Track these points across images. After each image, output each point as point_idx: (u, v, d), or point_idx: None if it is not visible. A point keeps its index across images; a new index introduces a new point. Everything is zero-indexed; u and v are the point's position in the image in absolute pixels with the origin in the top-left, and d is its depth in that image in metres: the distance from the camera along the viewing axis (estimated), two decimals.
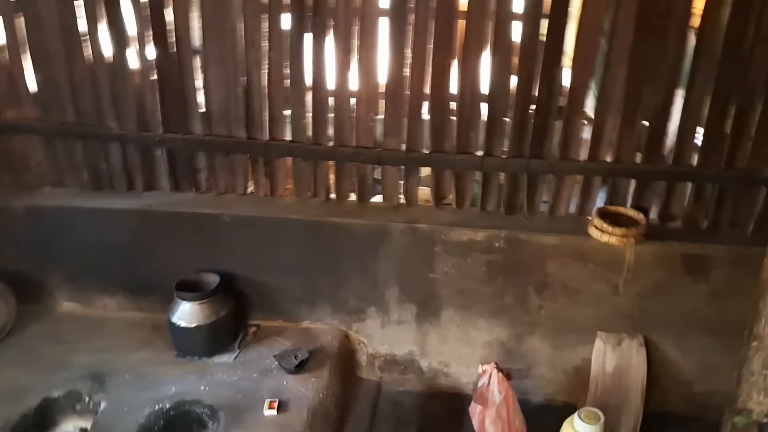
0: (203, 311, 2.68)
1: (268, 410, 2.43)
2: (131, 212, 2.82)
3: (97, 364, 2.70)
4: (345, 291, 2.81)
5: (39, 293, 3.05)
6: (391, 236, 2.66)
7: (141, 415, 2.43)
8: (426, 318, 2.80)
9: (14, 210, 2.89)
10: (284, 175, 2.82)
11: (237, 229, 2.77)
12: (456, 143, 2.59)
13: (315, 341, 2.81)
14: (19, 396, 2.53)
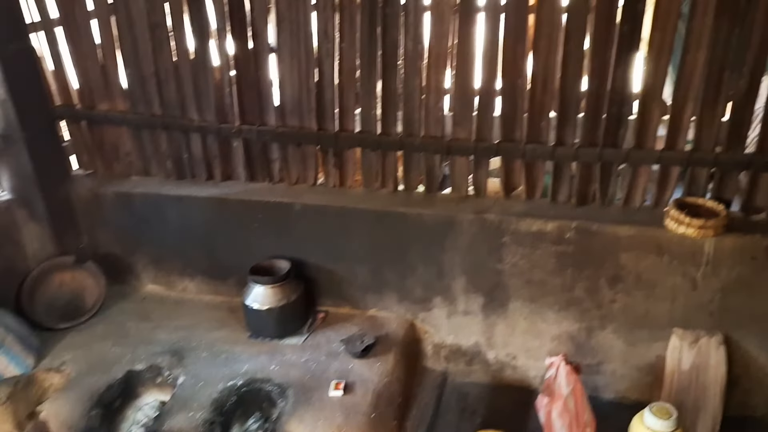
0: (275, 295, 2.79)
1: (334, 391, 2.49)
2: (210, 200, 2.97)
3: (177, 341, 2.87)
4: (411, 280, 2.84)
5: (126, 275, 3.27)
6: (459, 226, 2.66)
7: (215, 389, 2.56)
8: (493, 309, 2.78)
9: (106, 197, 3.11)
10: (353, 166, 2.88)
11: (307, 218, 2.86)
12: (526, 132, 2.56)
13: (381, 328, 2.86)
14: (106, 367, 2.72)
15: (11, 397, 2.68)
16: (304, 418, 2.39)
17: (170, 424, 2.43)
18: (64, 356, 2.82)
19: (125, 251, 3.22)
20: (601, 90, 2.42)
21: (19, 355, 2.67)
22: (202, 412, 2.46)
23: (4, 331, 2.63)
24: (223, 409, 2.50)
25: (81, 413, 2.52)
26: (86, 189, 3.13)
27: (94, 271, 3.13)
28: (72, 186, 3.12)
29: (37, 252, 3.10)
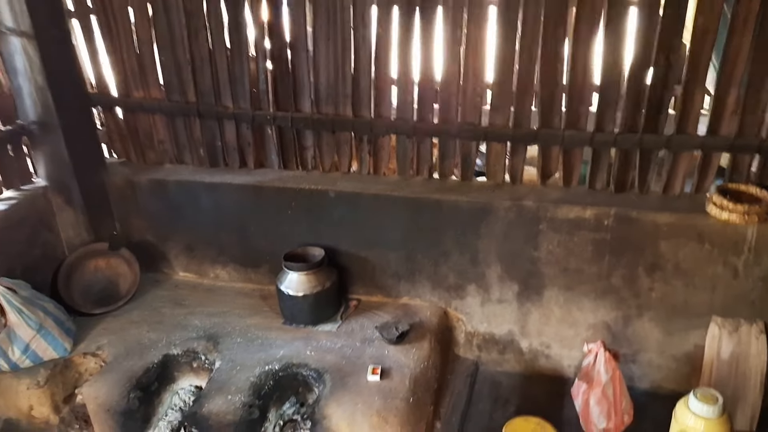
0: (310, 281, 2.80)
1: (371, 376, 2.49)
2: (244, 187, 2.98)
3: (212, 327, 2.88)
4: (445, 268, 2.83)
5: (159, 262, 3.29)
6: (494, 213, 2.65)
7: (252, 374, 2.57)
8: (528, 297, 2.77)
9: (139, 184, 3.13)
10: (387, 153, 2.88)
11: (341, 205, 2.86)
12: (565, 118, 2.55)
13: (414, 316, 2.85)
14: (143, 351, 2.74)
15: (49, 381, 2.71)
16: (343, 401, 2.39)
17: (209, 407, 2.44)
18: (100, 341, 2.84)
19: (158, 239, 3.24)
20: (643, 75, 2.40)
21: (58, 338, 2.69)
22: (240, 395, 2.47)
23: (44, 314, 2.66)
24: (260, 392, 2.51)
25: (120, 396, 2.54)
26: (120, 177, 3.15)
27: (128, 257, 3.15)
28: (106, 173, 3.15)
29: (72, 239, 3.13)
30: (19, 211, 2.88)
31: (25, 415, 2.75)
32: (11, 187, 2.94)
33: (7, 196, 2.91)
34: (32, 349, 2.63)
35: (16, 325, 2.58)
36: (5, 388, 2.72)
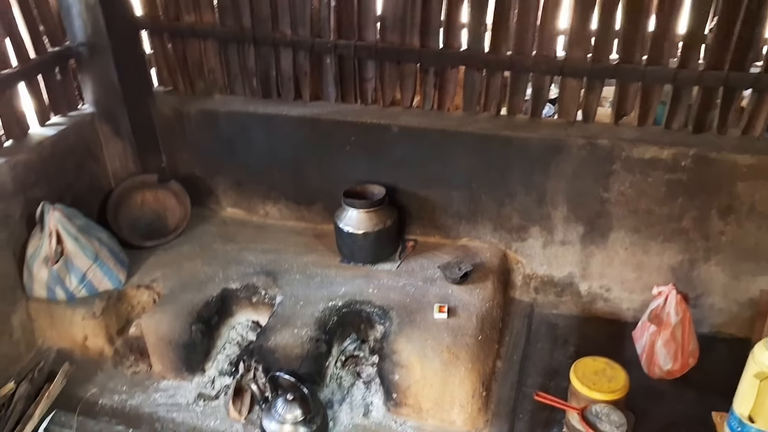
0: (371, 219, 2.73)
1: (438, 314, 2.46)
2: (301, 120, 2.87)
3: (267, 263, 2.83)
4: (509, 209, 2.77)
5: (206, 198, 3.20)
6: (566, 152, 2.58)
7: (316, 309, 2.53)
8: (592, 239, 2.73)
9: (189, 115, 3.01)
10: (454, 87, 2.77)
11: (403, 141, 2.77)
12: (648, 53, 2.45)
13: (474, 257, 2.80)
14: (200, 286, 2.69)
15: (104, 312, 2.66)
16: (412, 337, 2.36)
17: (275, 341, 2.40)
18: (153, 274, 2.78)
19: (206, 173, 3.15)
20: (735, 8, 2.29)
21: (113, 270, 2.63)
22: (306, 329, 2.43)
23: (99, 244, 2.58)
24: (326, 327, 2.47)
25: (182, 328, 2.49)
26: (168, 107, 3.03)
27: (177, 191, 3.06)
28: (153, 103, 3.02)
29: (118, 171, 3.03)
30: (68, 139, 2.77)
31: (79, 346, 2.71)
32: (58, 113, 2.82)
33: (55, 122, 2.79)
34: (88, 280, 2.57)
35: (73, 254, 2.50)
36: (59, 318, 2.67)
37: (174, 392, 2.56)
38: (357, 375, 2.55)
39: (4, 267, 2.53)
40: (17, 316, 2.62)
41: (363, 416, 2.41)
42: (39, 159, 2.61)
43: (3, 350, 2.57)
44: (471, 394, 2.28)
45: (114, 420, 2.44)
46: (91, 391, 2.56)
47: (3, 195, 2.47)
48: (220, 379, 2.58)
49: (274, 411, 2.22)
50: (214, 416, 2.45)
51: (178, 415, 2.46)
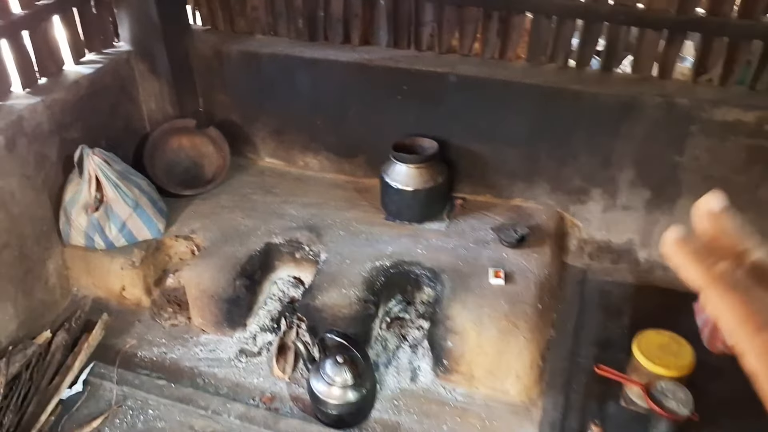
0: (421, 175, 2.57)
1: (494, 279, 2.33)
2: (349, 66, 2.68)
3: (309, 217, 2.70)
4: (570, 169, 2.60)
5: (243, 145, 3.05)
6: (640, 111, 2.38)
7: (363, 268, 2.41)
8: (658, 205, 2.56)
9: (229, 56, 2.82)
10: (518, 35, 2.56)
11: (461, 92, 2.58)
12: (740, 5, 2.22)
13: (529, 219, 2.65)
14: (243, 238, 2.57)
15: (143, 262, 2.56)
16: (467, 303, 2.24)
17: (322, 300, 2.30)
18: (192, 224, 2.66)
19: (244, 119, 2.98)
20: None
21: (152, 218, 2.51)
22: (353, 289, 2.32)
23: (139, 191, 2.46)
24: (373, 288, 2.36)
25: (226, 282, 2.39)
26: (207, 45, 2.84)
27: (216, 137, 2.90)
28: (191, 41, 2.83)
29: (154, 112, 2.88)
30: (103, 78, 2.61)
31: (116, 296, 2.62)
32: (93, 49, 2.65)
33: (90, 59, 2.62)
34: (128, 228, 2.46)
35: (113, 201, 2.38)
36: (96, 266, 2.58)
37: (214, 347, 2.48)
38: (402, 338, 2.46)
39: (41, 211, 2.42)
40: (52, 262, 2.53)
41: (410, 381, 2.32)
42: (75, 98, 2.46)
43: (39, 297, 2.49)
44: (529, 365, 2.18)
45: (154, 373, 2.37)
46: (129, 342, 2.48)
47: (39, 135, 2.33)
48: (262, 335, 2.49)
49: (322, 372, 2.13)
50: (256, 373, 2.38)
51: (219, 370, 2.38)
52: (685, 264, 0.37)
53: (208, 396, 2.26)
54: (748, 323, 0.34)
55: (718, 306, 0.35)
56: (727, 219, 0.38)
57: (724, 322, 0.35)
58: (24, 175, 2.31)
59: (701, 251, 0.37)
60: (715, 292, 0.35)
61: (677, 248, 0.38)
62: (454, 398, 2.26)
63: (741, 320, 0.34)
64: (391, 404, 2.24)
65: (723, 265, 0.35)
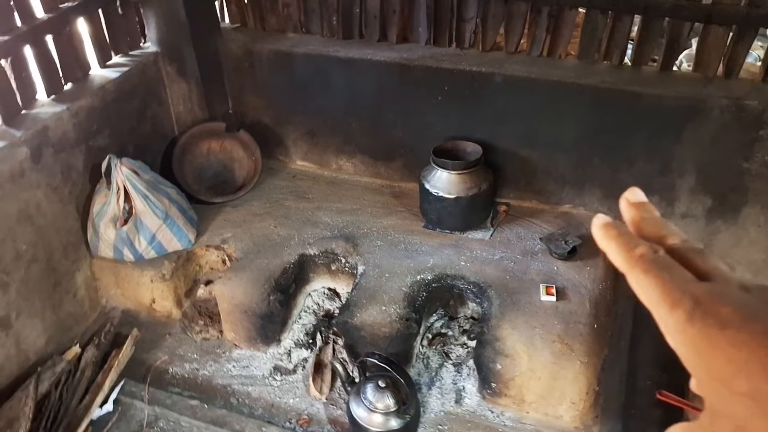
0: (464, 182, 2.41)
1: (545, 296, 2.18)
2: (388, 65, 2.53)
3: (344, 225, 2.57)
4: (625, 175, 2.42)
5: (274, 148, 2.92)
6: (705, 114, 2.19)
7: (404, 283, 2.27)
8: (720, 214, 2.37)
9: (260, 55, 2.69)
10: (570, 32, 2.38)
11: (506, 93, 2.42)
12: None
13: (578, 228, 2.48)
14: (277, 249, 2.45)
15: (174, 274, 2.45)
16: (517, 323, 2.09)
17: (362, 318, 2.17)
18: (223, 233, 2.55)
19: (276, 121, 2.85)
20: None
21: (183, 229, 2.40)
22: (395, 306, 2.18)
23: (169, 202, 2.34)
24: (415, 304, 2.23)
25: (260, 298, 2.27)
26: (237, 45, 2.70)
27: (246, 141, 2.78)
28: (221, 41, 2.70)
29: (182, 115, 2.76)
30: (131, 80, 2.49)
31: (146, 308, 2.53)
32: (119, 51, 2.53)
33: (117, 62, 2.51)
34: (158, 240, 2.35)
35: (142, 213, 2.28)
36: (125, 279, 2.48)
37: (248, 363, 2.37)
38: (445, 356, 2.32)
39: (68, 222, 2.33)
40: (81, 274, 2.44)
41: (455, 403, 2.19)
42: (102, 104, 2.35)
43: (67, 310, 2.41)
44: (585, 390, 2.03)
45: (186, 392, 2.28)
46: (161, 358, 2.39)
47: (66, 145, 2.23)
48: (297, 351, 2.38)
49: (363, 397, 2.01)
50: (292, 392, 2.27)
51: (253, 389, 2.28)
52: (611, 247, 0.40)
53: (242, 418, 2.16)
54: (665, 301, 0.36)
55: (639, 286, 0.38)
56: (647, 209, 0.42)
57: (646, 301, 0.38)
58: (50, 187, 2.21)
59: (625, 236, 0.40)
60: (635, 273, 0.38)
61: (603, 232, 0.41)
62: (503, 423, 2.13)
63: (659, 298, 0.36)
64: (436, 429, 2.11)
65: (643, 247, 0.38)
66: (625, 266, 0.39)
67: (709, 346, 0.34)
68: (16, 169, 2.07)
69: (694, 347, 0.35)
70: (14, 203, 2.08)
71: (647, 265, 0.37)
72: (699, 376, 0.36)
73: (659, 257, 0.38)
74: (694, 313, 0.35)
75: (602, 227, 0.41)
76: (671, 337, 0.36)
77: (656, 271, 0.37)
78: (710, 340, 0.34)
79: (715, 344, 0.34)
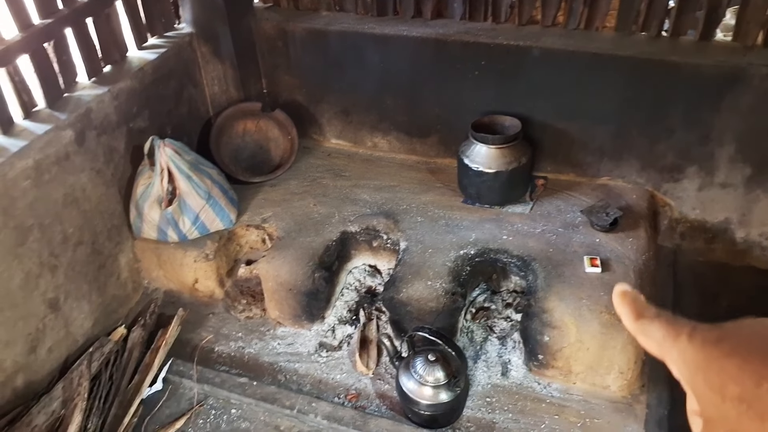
0: (504, 156, 2.42)
1: (590, 267, 2.19)
2: (423, 41, 2.52)
3: (383, 202, 2.58)
4: (664, 146, 2.42)
5: (308, 127, 2.92)
6: (747, 81, 2.18)
7: (447, 257, 2.29)
8: (760, 183, 2.37)
9: (294, 34, 2.68)
10: (607, 4, 2.36)
11: (544, 66, 2.41)
12: None
13: (619, 199, 2.49)
14: (318, 227, 2.47)
15: (217, 253, 2.47)
16: (564, 295, 2.11)
17: (407, 293, 2.19)
18: (263, 212, 2.57)
19: (310, 100, 2.85)
20: None
21: (225, 209, 2.41)
22: (440, 281, 2.20)
23: (211, 182, 2.36)
24: (460, 279, 2.24)
25: (304, 275, 2.29)
26: (270, 24, 2.70)
27: (282, 120, 2.78)
28: (254, 20, 2.69)
29: (217, 96, 2.76)
30: (167, 62, 2.49)
31: (188, 289, 2.55)
32: (155, 33, 2.53)
33: (153, 44, 2.50)
34: (201, 220, 2.37)
35: (186, 194, 2.29)
36: (167, 260, 2.50)
37: (293, 340, 2.40)
38: (489, 329, 2.34)
39: (111, 205, 2.34)
40: (124, 256, 2.47)
41: (501, 376, 2.21)
42: (141, 86, 2.35)
43: (112, 292, 2.43)
44: (633, 360, 2.04)
45: (234, 369, 2.31)
46: (206, 338, 2.42)
47: (108, 127, 2.24)
48: (341, 327, 2.41)
49: (413, 371, 2.03)
50: (338, 368, 2.29)
51: (300, 366, 2.31)
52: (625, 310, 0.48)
53: (292, 394, 2.18)
54: (670, 334, 0.43)
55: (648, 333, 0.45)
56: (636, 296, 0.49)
57: (653, 344, 0.44)
58: (94, 170, 2.22)
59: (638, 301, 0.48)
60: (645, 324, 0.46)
61: (621, 297, 0.49)
62: (550, 394, 2.15)
63: (665, 335, 0.43)
64: (484, 401, 2.14)
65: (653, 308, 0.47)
66: (634, 319, 0.47)
67: (705, 359, 0.40)
68: (62, 153, 2.09)
69: (695, 364, 0.40)
70: (61, 187, 2.10)
71: (655, 317, 0.46)
72: (697, 389, 0.41)
73: (663, 312, 0.46)
74: (694, 334, 0.41)
75: (620, 294, 0.49)
76: (675, 364, 0.42)
77: (662, 318, 0.45)
78: (707, 354, 0.40)
79: (711, 357, 0.39)
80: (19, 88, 2.02)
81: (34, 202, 1.98)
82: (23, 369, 2.04)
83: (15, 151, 1.91)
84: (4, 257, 1.90)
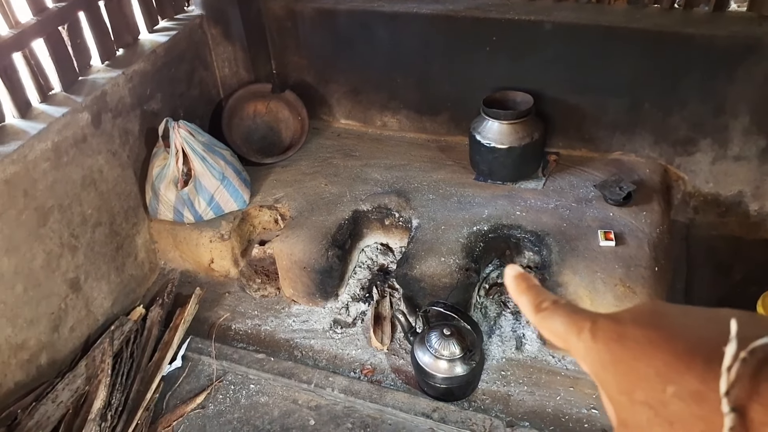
0: (516, 132, 2.42)
1: (604, 241, 2.19)
2: (433, 18, 2.51)
3: (395, 180, 2.59)
4: (677, 119, 2.41)
5: (318, 108, 2.93)
6: (760, 53, 2.16)
7: (461, 234, 2.30)
8: None
9: (302, 14, 2.68)
10: None
11: (556, 41, 2.40)
12: None
13: (631, 174, 2.49)
14: (330, 206, 2.49)
15: (232, 234, 2.50)
16: (578, 269, 2.12)
17: (421, 269, 2.21)
18: (275, 193, 2.59)
19: (319, 80, 2.86)
20: None
21: (238, 189, 2.44)
22: (453, 257, 2.22)
23: (224, 163, 2.38)
24: (473, 255, 2.26)
25: (318, 253, 2.31)
26: (279, 4, 2.70)
27: (292, 101, 2.79)
28: (264, 1, 2.69)
29: (228, 78, 2.78)
30: (179, 45, 2.51)
31: (204, 269, 2.59)
32: (166, 16, 2.54)
33: (164, 27, 2.52)
34: (216, 201, 2.39)
35: (201, 175, 2.31)
36: (183, 240, 2.53)
37: (307, 317, 2.43)
38: (503, 305, 2.36)
39: (128, 186, 2.38)
40: (140, 237, 2.50)
41: (515, 350, 2.23)
42: (153, 69, 2.37)
43: (129, 272, 2.47)
44: None
45: (251, 346, 2.34)
46: (223, 316, 2.45)
47: (122, 109, 2.26)
48: (354, 305, 2.43)
49: (428, 345, 2.06)
50: (353, 344, 2.32)
51: (315, 342, 2.34)
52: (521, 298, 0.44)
53: (309, 369, 2.22)
54: (571, 328, 0.40)
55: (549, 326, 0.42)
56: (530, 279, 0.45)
57: (557, 338, 0.41)
58: (110, 152, 2.25)
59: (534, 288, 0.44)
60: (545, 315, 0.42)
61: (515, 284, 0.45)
62: (565, 366, 2.17)
63: (567, 328, 0.40)
64: (499, 374, 2.16)
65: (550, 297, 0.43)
66: (534, 312, 0.43)
67: (612, 360, 0.37)
68: (79, 135, 2.11)
69: (601, 363, 0.37)
70: (79, 169, 2.13)
71: (554, 307, 0.42)
72: (608, 391, 0.38)
73: (562, 301, 0.42)
74: (596, 329, 0.38)
75: (514, 279, 0.45)
76: (583, 361, 0.39)
77: (561, 310, 0.41)
78: (613, 354, 0.37)
79: (617, 358, 0.36)
80: (36, 72, 2.05)
81: (54, 183, 2.01)
82: (47, 347, 2.09)
83: (34, 133, 1.94)
84: (26, 238, 1.93)
